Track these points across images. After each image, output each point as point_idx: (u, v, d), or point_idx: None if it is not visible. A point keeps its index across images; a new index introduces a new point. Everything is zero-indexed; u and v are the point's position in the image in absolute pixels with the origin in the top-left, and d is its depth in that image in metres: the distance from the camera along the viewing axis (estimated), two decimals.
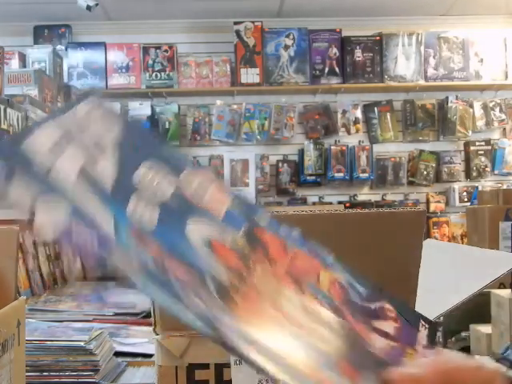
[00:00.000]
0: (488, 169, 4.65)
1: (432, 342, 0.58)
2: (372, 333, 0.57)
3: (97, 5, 3.97)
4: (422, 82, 4.58)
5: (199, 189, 0.53)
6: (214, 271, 0.50)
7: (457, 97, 4.63)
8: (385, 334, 0.57)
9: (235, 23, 4.51)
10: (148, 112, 4.50)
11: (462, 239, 4.52)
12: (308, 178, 4.58)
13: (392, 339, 0.58)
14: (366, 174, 4.56)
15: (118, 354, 1.24)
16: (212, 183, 0.54)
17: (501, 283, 2.25)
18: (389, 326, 0.58)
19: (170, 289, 0.48)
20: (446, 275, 0.87)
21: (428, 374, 0.52)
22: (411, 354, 0.58)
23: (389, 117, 4.63)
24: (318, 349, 0.51)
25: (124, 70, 4.50)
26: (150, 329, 0.60)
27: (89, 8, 3.94)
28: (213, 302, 0.48)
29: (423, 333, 0.58)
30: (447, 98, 4.62)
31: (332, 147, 4.54)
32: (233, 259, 0.51)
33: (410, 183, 4.66)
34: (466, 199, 4.58)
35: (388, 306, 0.58)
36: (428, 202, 4.64)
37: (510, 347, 0.62)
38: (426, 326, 0.58)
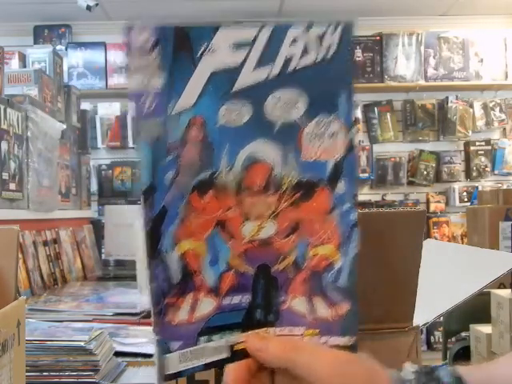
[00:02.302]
0: (488, 169, 4.64)
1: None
2: (309, 295, 0.58)
3: (97, 5, 3.97)
4: (421, 82, 4.57)
5: None
6: None
7: (457, 97, 4.63)
8: (311, 309, 0.58)
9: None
10: None
11: (462, 239, 4.52)
12: None
13: (313, 316, 0.58)
14: (365, 174, 4.56)
15: (118, 353, 1.24)
16: None
17: (501, 283, 2.25)
18: (325, 310, 0.58)
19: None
20: (445, 275, 0.87)
21: (273, 348, 0.55)
22: (311, 334, 0.58)
23: (389, 117, 4.63)
24: None
25: (124, 70, 4.50)
26: (150, 329, 0.60)
27: (89, 8, 3.94)
28: None
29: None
30: (447, 98, 4.62)
31: None
32: None
33: (410, 183, 4.66)
34: (466, 199, 4.58)
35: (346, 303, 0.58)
36: (428, 202, 4.64)
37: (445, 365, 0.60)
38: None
